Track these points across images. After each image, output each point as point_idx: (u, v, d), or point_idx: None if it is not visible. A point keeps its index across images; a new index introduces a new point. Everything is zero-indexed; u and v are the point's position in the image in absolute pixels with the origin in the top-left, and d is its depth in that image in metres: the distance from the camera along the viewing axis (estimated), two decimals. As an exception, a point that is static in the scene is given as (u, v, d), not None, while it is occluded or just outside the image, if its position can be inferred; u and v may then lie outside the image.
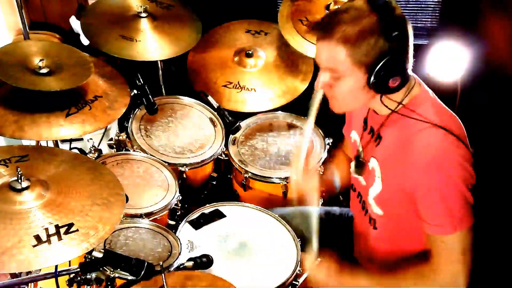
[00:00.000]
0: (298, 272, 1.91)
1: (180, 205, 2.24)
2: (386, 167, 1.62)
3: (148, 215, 2.11)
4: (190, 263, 1.80)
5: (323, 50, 1.50)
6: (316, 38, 1.51)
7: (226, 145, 2.52)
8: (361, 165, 1.73)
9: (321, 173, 2.39)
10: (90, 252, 1.59)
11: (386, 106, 1.56)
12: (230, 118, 2.47)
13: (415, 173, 1.50)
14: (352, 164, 1.78)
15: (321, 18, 1.52)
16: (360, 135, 1.75)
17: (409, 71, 1.53)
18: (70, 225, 1.50)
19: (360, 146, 1.74)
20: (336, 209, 2.08)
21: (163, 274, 1.59)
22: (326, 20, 1.49)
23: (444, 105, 1.60)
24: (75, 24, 2.94)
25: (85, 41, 2.64)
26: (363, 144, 1.72)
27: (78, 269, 1.60)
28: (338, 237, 2.00)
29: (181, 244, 1.95)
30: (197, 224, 2.08)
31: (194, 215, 2.11)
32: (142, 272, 1.60)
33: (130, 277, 1.68)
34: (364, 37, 1.43)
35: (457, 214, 1.50)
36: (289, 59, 2.72)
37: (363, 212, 1.78)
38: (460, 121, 1.58)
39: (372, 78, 1.46)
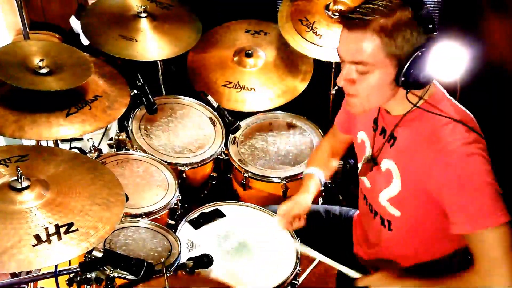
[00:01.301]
0: (298, 271, 1.92)
1: (180, 204, 2.24)
2: (405, 167, 1.58)
3: (148, 214, 2.11)
4: (190, 263, 1.80)
5: (353, 41, 1.44)
6: (346, 28, 1.45)
7: (226, 145, 2.52)
8: (369, 167, 1.71)
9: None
10: (90, 252, 1.59)
11: (411, 102, 1.51)
12: (230, 118, 2.47)
13: (441, 172, 1.47)
14: (360, 165, 1.77)
15: (353, 8, 1.46)
16: (370, 136, 1.72)
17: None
18: (70, 224, 1.50)
19: (370, 148, 1.73)
20: (336, 208, 2.08)
21: (164, 271, 1.59)
22: (360, 9, 1.43)
23: (458, 103, 1.59)
24: (75, 24, 2.95)
25: (85, 41, 2.64)
26: (375, 145, 1.70)
27: (78, 269, 1.60)
28: (337, 235, 2.00)
29: (181, 243, 1.96)
30: (197, 223, 2.08)
31: (194, 215, 2.12)
32: (142, 272, 1.60)
33: (130, 277, 1.68)
34: (400, 29, 1.41)
35: (490, 207, 1.44)
36: (289, 59, 2.72)
37: (371, 214, 1.76)
38: (473, 118, 1.57)
39: (403, 72, 1.43)
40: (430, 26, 1.43)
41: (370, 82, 1.47)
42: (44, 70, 2.01)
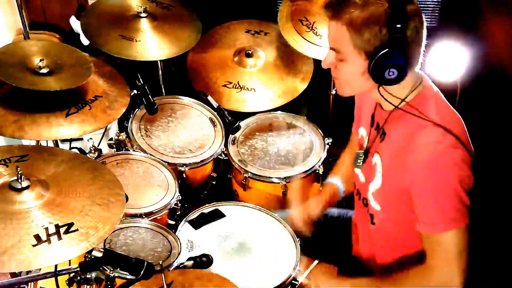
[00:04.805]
0: (298, 271, 1.92)
1: (179, 205, 2.24)
2: (387, 163, 1.62)
3: (148, 214, 2.11)
4: (190, 263, 1.80)
5: (331, 29, 1.51)
6: (328, 16, 1.52)
7: (225, 145, 2.52)
8: (363, 160, 1.73)
9: (321, 172, 2.40)
10: (90, 252, 1.59)
11: (387, 101, 1.56)
12: (229, 118, 2.47)
13: (412, 171, 1.51)
14: (355, 156, 1.79)
15: None
16: (367, 131, 1.75)
17: (416, 67, 1.54)
18: (70, 224, 1.50)
19: (366, 142, 1.75)
20: (334, 211, 2.09)
21: (162, 274, 1.59)
22: (340, 0, 1.48)
23: (448, 104, 1.60)
24: (75, 24, 2.94)
25: (85, 41, 2.64)
26: (370, 139, 1.73)
27: (78, 269, 1.60)
28: (336, 238, 2.01)
29: (180, 243, 1.96)
30: (196, 223, 2.08)
31: (194, 215, 2.12)
32: (142, 272, 1.60)
33: (129, 277, 1.68)
34: (369, 24, 1.43)
35: (450, 213, 1.49)
36: (289, 59, 2.72)
37: (366, 209, 1.79)
38: (462, 121, 1.58)
39: (370, 66, 1.47)
40: (399, 25, 1.43)
41: (344, 70, 1.55)
42: (44, 70, 2.01)
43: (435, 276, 1.53)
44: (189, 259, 1.82)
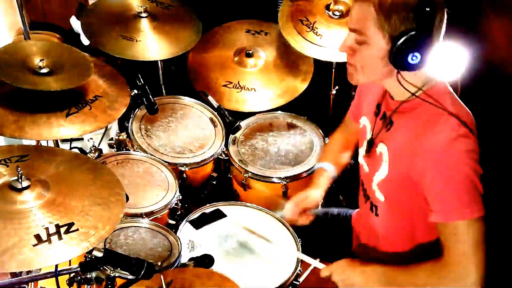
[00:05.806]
0: (299, 272, 1.92)
1: (180, 204, 2.24)
2: (395, 152, 1.61)
3: (148, 214, 2.11)
4: (191, 263, 1.80)
5: (357, 8, 1.49)
6: None
7: (226, 145, 2.52)
8: (370, 149, 1.72)
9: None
10: (90, 252, 1.59)
11: (404, 87, 1.54)
12: (230, 118, 2.47)
13: (425, 158, 1.49)
14: (360, 150, 1.78)
15: None
16: (371, 121, 1.75)
17: (433, 56, 1.53)
18: (71, 224, 1.50)
19: (370, 132, 1.74)
20: (334, 210, 2.08)
21: (161, 274, 1.59)
22: None
23: (460, 101, 1.61)
24: (76, 24, 2.95)
25: (85, 41, 2.64)
26: (374, 129, 1.72)
27: (78, 269, 1.60)
28: (336, 235, 2.00)
29: (181, 243, 1.96)
30: (197, 223, 2.08)
31: (195, 215, 2.12)
32: (142, 272, 1.60)
33: (130, 277, 1.68)
34: (397, 9, 1.43)
35: (466, 200, 1.47)
36: (289, 59, 2.72)
37: (364, 199, 1.78)
38: (473, 118, 1.58)
39: (393, 50, 1.46)
40: (428, 9, 1.43)
41: (364, 54, 1.52)
42: (44, 70, 2.01)
43: (451, 271, 1.49)
44: (190, 259, 1.82)
